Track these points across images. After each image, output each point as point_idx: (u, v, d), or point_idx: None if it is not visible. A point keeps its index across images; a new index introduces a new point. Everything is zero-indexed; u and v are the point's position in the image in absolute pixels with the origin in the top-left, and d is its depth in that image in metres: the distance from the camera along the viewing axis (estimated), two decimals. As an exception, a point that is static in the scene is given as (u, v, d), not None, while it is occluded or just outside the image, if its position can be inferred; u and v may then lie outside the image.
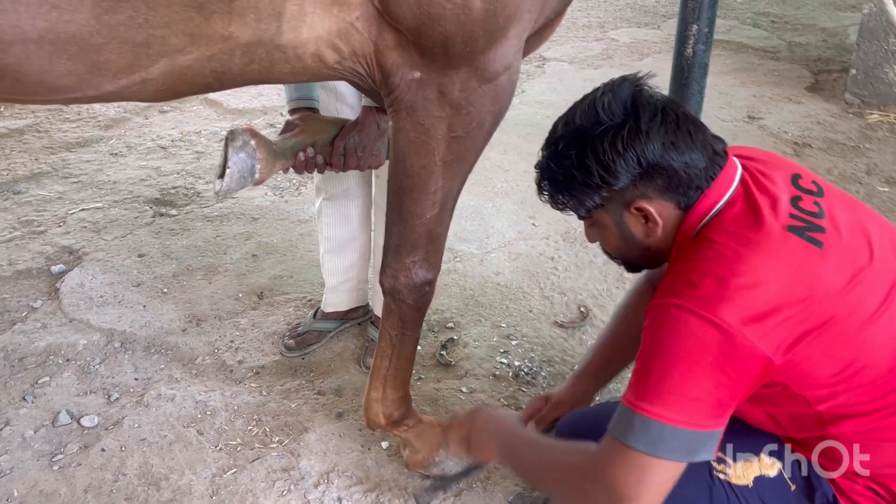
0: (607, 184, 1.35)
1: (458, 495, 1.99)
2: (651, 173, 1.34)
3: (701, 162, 1.35)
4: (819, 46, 5.76)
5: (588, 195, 1.39)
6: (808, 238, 1.28)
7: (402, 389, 1.92)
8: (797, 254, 1.26)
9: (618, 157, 1.32)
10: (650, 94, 1.39)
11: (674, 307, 1.24)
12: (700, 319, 1.21)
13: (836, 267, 1.27)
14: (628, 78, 1.41)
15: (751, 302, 1.21)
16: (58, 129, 4.32)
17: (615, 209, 1.40)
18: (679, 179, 1.34)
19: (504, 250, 3.14)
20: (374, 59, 1.42)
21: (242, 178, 1.76)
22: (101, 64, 1.21)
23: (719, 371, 1.21)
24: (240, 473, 2.06)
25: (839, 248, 1.29)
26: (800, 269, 1.24)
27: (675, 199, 1.36)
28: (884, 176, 3.72)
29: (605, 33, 6.29)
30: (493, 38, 1.37)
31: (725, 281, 1.22)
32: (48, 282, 2.94)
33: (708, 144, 1.37)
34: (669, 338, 1.23)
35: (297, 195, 3.61)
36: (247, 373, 2.46)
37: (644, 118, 1.33)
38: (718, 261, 1.26)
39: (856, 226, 1.36)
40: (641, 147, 1.32)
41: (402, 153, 1.53)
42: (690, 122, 1.37)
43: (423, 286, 1.73)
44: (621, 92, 1.37)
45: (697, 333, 1.21)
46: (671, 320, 1.24)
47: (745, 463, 1.39)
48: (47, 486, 2.03)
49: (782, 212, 1.31)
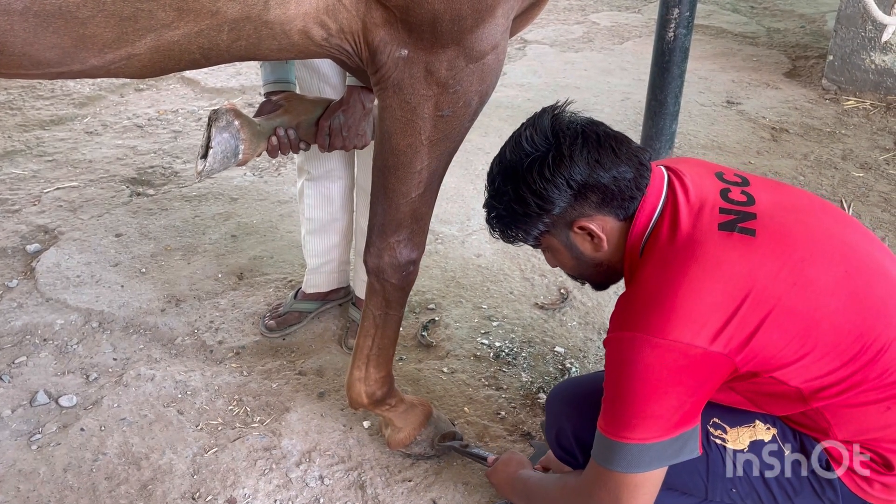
0: (545, 210, 1.43)
1: (439, 473, 2.00)
2: (584, 192, 1.41)
3: (629, 173, 1.41)
4: (797, 32, 5.81)
5: (532, 224, 1.47)
6: (741, 230, 1.34)
7: (385, 369, 1.92)
8: (731, 250, 1.31)
9: (548, 183, 1.40)
10: (570, 119, 1.46)
11: (626, 339, 1.32)
12: (652, 346, 1.28)
13: (773, 250, 1.32)
14: (546, 109, 1.48)
15: (697, 314, 1.27)
16: (31, 107, 4.25)
17: (561, 232, 1.47)
18: (612, 193, 1.41)
19: (485, 232, 3.14)
20: (361, 37, 1.41)
21: (226, 158, 1.75)
22: (87, 38, 1.19)
23: (680, 385, 1.29)
24: (221, 453, 2.06)
25: (773, 231, 1.35)
26: (737, 265, 1.30)
27: (612, 213, 1.43)
28: (859, 161, 3.77)
29: (586, 16, 6.29)
30: (481, 16, 1.37)
31: (668, 301, 1.29)
32: (23, 261, 2.90)
33: (633, 156, 1.43)
34: (628, 367, 1.31)
35: (276, 175, 3.59)
36: (227, 353, 2.46)
37: (566, 143, 1.40)
38: (658, 283, 1.32)
39: (787, 206, 1.42)
40: (568, 170, 1.39)
41: (388, 132, 1.53)
42: (612, 139, 1.43)
43: (408, 265, 1.73)
44: (542, 123, 1.44)
45: (651, 359, 1.28)
46: (626, 351, 1.31)
47: (741, 428, 1.45)
48: (26, 466, 2.01)
49: (710, 211, 1.37)
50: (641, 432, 1.31)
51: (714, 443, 1.46)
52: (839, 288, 1.34)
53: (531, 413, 2.22)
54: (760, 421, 1.45)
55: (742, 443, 1.45)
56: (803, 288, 1.31)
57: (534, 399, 2.26)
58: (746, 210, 1.38)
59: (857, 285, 1.35)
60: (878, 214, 3.27)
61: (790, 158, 3.81)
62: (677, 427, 1.31)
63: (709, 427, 1.44)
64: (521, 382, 2.33)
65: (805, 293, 1.31)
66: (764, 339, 1.29)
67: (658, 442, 1.31)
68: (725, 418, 1.46)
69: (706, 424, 1.45)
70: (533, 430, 2.16)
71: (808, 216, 1.41)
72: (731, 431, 1.45)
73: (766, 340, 1.29)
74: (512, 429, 2.16)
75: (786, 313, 1.29)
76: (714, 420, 1.45)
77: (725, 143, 3.98)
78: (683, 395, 1.30)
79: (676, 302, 1.28)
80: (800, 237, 1.36)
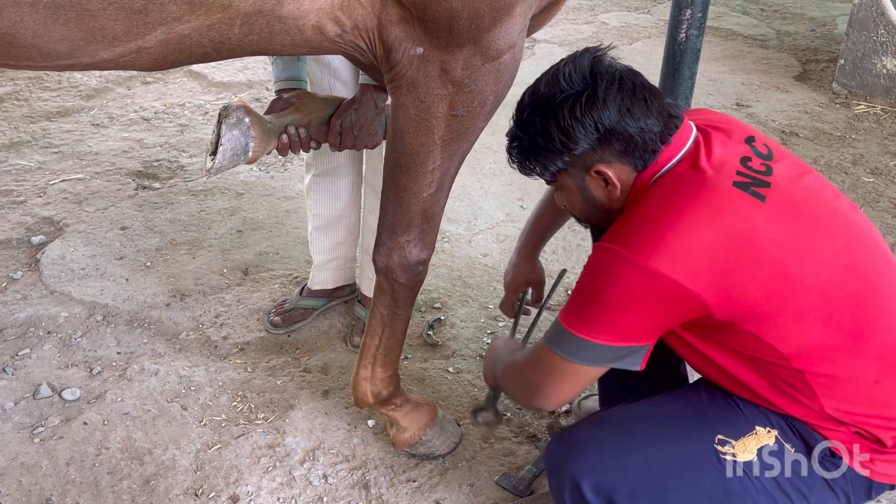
0: (568, 149, 1.43)
1: (444, 474, 1.99)
2: (608, 138, 1.42)
3: (656, 127, 1.43)
4: (808, 36, 5.78)
5: (551, 160, 1.47)
6: (753, 192, 1.37)
7: (392, 368, 1.91)
8: (737, 206, 1.35)
9: (576, 123, 1.40)
10: (610, 63, 1.47)
11: (610, 251, 1.36)
12: (631, 265, 1.32)
13: (778, 217, 1.36)
14: (590, 49, 1.48)
15: (683, 250, 1.31)
16: (38, 98, 4.24)
17: (577, 173, 1.48)
18: (635, 144, 1.42)
19: (492, 232, 3.13)
20: (376, 34, 1.40)
21: (235, 155, 1.73)
22: (98, 30, 1.17)
23: (644, 306, 1.34)
24: (224, 449, 2.04)
25: (782, 201, 1.38)
26: (737, 220, 1.34)
27: (632, 163, 1.45)
28: (869, 167, 3.75)
29: (595, 16, 6.27)
30: (498, 15, 1.35)
31: (660, 230, 1.33)
32: (28, 253, 2.89)
33: (664, 110, 1.46)
34: (604, 277, 1.37)
35: (283, 171, 3.57)
36: (232, 349, 2.44)
37: (601, 86, 1.41)
38: (657, 212, 1.37)
39: (803, 184, 1.45)
40: (598, 113, 1.40)
41: (401, 130, 1.51)
42: (647, 90, 1.45)
43: (417, 265, 1.71)
44: (582, 62, 1.44)
45: (626, 278, 1.33)
46: (607, 262, 1.37)
47: (745, 438, 1.44)
48: (28, 459, 2.00)
49: (728, 169, 1.40)
50: (594, 332, 1.38)
51: (725, 460, 1.44)
52: (836, 260, 1.37)
53: (537, 415, 2.20)
54: (759, 425, 1.45)
55: (750, 452, 1.44)
56: (799, 255, 1.35)
57: (540, 401, 2.24)
58: (762, 178, 1.40)
59: (856, 259, 1.39)
60: (888, 220, 3.25)
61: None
62: (629, 339, 1.38)
63: (716, 446, 1.44)
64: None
65: (799, 259, 1.35)
66: (744, 291, 1.32)
67: (605, 344, 1.38)
68: (727, 432, 1.45)
69: (712, 443, 1.45)
70: (538, 431, 2.15)
71: (820, 196, 1.45)
72: (738, 444, 1.45)
73: (746, 292, 1.32)
74: (517, 430, 2.15)
75: (773, 272, 1.33)
76: (718, 437, 1.45)
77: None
78: (644, 316, 1.36)
79: (668, 233, 1.32)
80: (807, 212, 1.40)
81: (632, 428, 1.52)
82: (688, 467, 1.43)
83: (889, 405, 1.40)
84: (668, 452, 1.45)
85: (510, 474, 1.99)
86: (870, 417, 1.40)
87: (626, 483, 1.44)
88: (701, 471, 1.42)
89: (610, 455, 1.47)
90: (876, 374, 1.38)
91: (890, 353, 1.39)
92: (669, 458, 1.45)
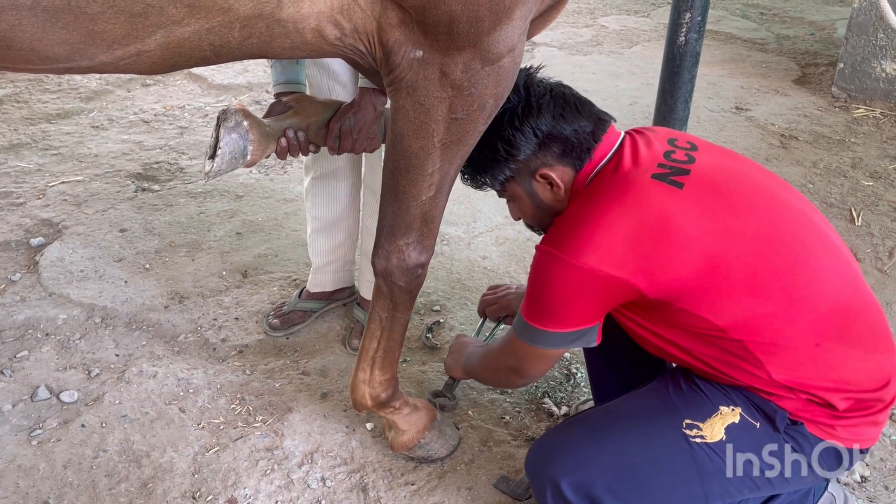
0: (512, 156, 1.60)
1: (442, 477, 1.99)
2: (547, 142, 1.58)
3: (588, 127, 1.59)
4: (807, 39, 5.78)
5: (499, 169, 1.64)
6: (670, 181, 1.48)
7: (390, 371, 1.90)
8: (655, 195, 1.47)
9: (516, 131, 1.58)
10: (541, 79, 1.66)
11: (546, 253, 1.51)
12: (563, 264, 1.47)
13: (697, 200, 1.47)
14: (522, 69, 1.65)
15: (606, 244, 1.44)
16: (38, 100, 4.24)
17: (524, 180, 1.64)
18: (571, 145, 1.58)
19: (491, 234, 3.13)
20: (375, 37, 1.40)
21: (234, 159, 1.72)
22: (97, 34, 1.17)
23: (584, 297, 1.49)
24: (222, 452, 2.04)
25: (701, 186, 1.49)
26: (655, 207, 1.45)
27: (570, 163, 1.60)
28: (868, 170, 3.75)
29: (594, 19, 6.27)
30: (498, 18, 1.35)
31: (586, 229, 1.46)
32: (27, 255, 2.89)
33: (593, 114, 1.62)
34: (544, 276, 1.52)
35: (282, 173, 3.57)
36: (230, 351, 2.44)
37: (535, 97, 1.59)
38: (582, 212, 1.50)
39: (726, 168, 1.56)
40: (535, 121, 1.57)
41: (401, 133, 1.51)
42: (576, 99, 1.63)
43: (416, 269, 1.71)
44: (516, 79, 1.59)
45: (561, 275, 1.48)
46: (545, 263, 1.52)
47: (711, 419, 1.52)
48: (26, 461, 2.00)
49: (648, 165, 1.52)
50: (548, 323, 1.55)
51: (695, 443, 1.52)
52: (759, 234, 1.46)
53: (535, 418, 2.20)
54: (722, 405, 1.52)
55: (718, 432, 1.51)
56: (718, 234, 1.44)
57: (538, 404, 2.24)
58: (682, 167, 1.52)
59: (779, 231, 1.48)
60: (887, 224, 3.25)
61: (799, 166, 3.79)
62: (578, 324, 1.54)
63: (684, 430, 1.52)
64: (525, 387, 2.31)
65: (719, 238, 1.44)
66: (668, 271, 1.43)
67: (560, 332, 1.55)
68: (693, 415, 1.53)
69: (681, 429, 1.52)
70: (537, 434, 2.14)
71: (744, 176, 1.55)
72: (705, 426, 1.52)
73: (671, 273, 1.43)
74: (516, 433, 2.15)
75: (694, 252, 1.43)
76: (686, 422, 1.53)
77: (734, 150, 3.93)
78: (586, 304, 1.51)
79: (593, 231, 1.45)
80: (727, 192, 1.49)
81: (603, 425, 1.61)
82: (660, 455, 1.52)
83: (833, 367, 1.46)
84: (639, 443, 1.54)
85: (509, 478, 1.99)
86: (817, 381, 1.46)
87: (603, 477, 1.53)
88: (673, 456, 1.52)
89: (584, 453, 1.56)
90: (815, 337, 1.45)
91: (824, 318, 1.46)
92: (641, 448, 1.53)
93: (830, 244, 1.53)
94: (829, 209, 3.37)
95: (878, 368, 1.50)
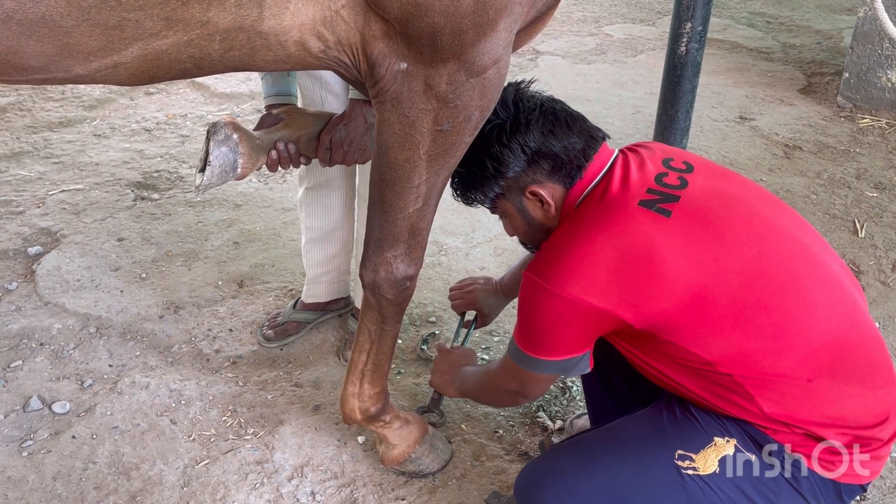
0: (500, 173, 1.57)
1: (433, 492, 1.97)
2: (536, 159, 1.55)
3: (578, 144, 1.55)
4: (813, 49, 5.74)
5: (489, 187, 1.61)
6: (658, 209, 1.44)
7: (380, 385, 1.88)
8: (641, 224, 1.42)
9: (504, 148, 1.55)
10: (531, 94, 1.62)
11: (531, 282, 1.48)
12: (548, 294, 1.44)
13: (684, 230, 1.42)
14: (512, 83, 1.62)
15: (590, 275, 1.41)
16: (41, 108, 4.25)
17: (514, 197, 1.61)
18: (561, 161, 1.54)
19: (490, 245, 3.11)
20: (359, 49, 1.38)
21: (224, 172, 1.71)
22: (72, 46, 1.16)
23: (570, 327, 1.46)
24: (212, 465, 2.03)
25: (689, 214, 1.44)
26: (640, 237, 1.41)
27: (561, 181, 1.56)
28: (873, 181, 3.71)
29: (599, 28, 6.25)
30: (482, 30, 1.33)
31: (570, 259, 1.43)
32: (24, 263, 2.89)
33: (584, 131, 1.58)
34: (532, 306, 1.50)
35: (282, 182, 3.56)
36: (223, 362, 2.43)
37: (523, 113, 1.56)
38: (566, 241, 1.47)
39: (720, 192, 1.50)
40: (523, 137, 1.54)
41: (386, 145, 1.49)
42: (567, 114, 1.58)
43: (404, 281, 1.69)
44: (506, 95, 1.58)
45: (547, 305, 1.45)
46: (531, 292, 1.49)
47: (705, 450, 1.47)
48: (15, 473, 1.99)
49: (636, 190, 1.48)
50: (538, 352, 1.53)
51: (687, 475, 1.46)
52: (747, 267, 1.41)
53: (529, 432, 2.18)
54: (717, 436, 1.47)
55: (712, 465, 1.47)
56: (704, 265, 1.40)
57: (533, 418, 2.22)
58: (672, 193, 1.47)
59: (769, 264, 1.42)
60: (891, 236, 3.21)
61: (803, 176, 3.76)
62: (567, 353, 1.51)
63: (677, 462, 1.47)
64: (520, 401, 2.28)
65: (705, 270, 1.40)
66: (652, 303, 1.39)
67: (551, 360, 1.53)
68: (687, 446, 1.48)
69: (673, 460, 1.47)
70: (530, 449, 2.12)
71: (737, 203, 1.49)
72: (698, 457, 1.47)
73: (654, 304, 1.39)
74: (510, 448, 2.12)
75: (678, 284, 1.39)
76: (679, 452, 1.48)
77: (737, 160, 3.93)
78: (573, 333, 1.48)
79: (575, 261, 1.42)
80: (717, 221, 1.44)
81: (594, 452, 1.56)
82: (651, 486, 1.47)
83: (828, 402, 1.41)
84: (630, 472, 1.49)
85: (500, 493, 1.96)
86: (812, 416, 1.41)
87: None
88: (664, 488, 1.46)
89: (574, 481, 1.51)
90: (807, 373, 1.40)
91: (818, 353, 1.41)
92: (632, 477, 1.49)
93: (828, 275, 1.47)
94: (832, 220, 3.33)
95: (877, 404, 1.44)
